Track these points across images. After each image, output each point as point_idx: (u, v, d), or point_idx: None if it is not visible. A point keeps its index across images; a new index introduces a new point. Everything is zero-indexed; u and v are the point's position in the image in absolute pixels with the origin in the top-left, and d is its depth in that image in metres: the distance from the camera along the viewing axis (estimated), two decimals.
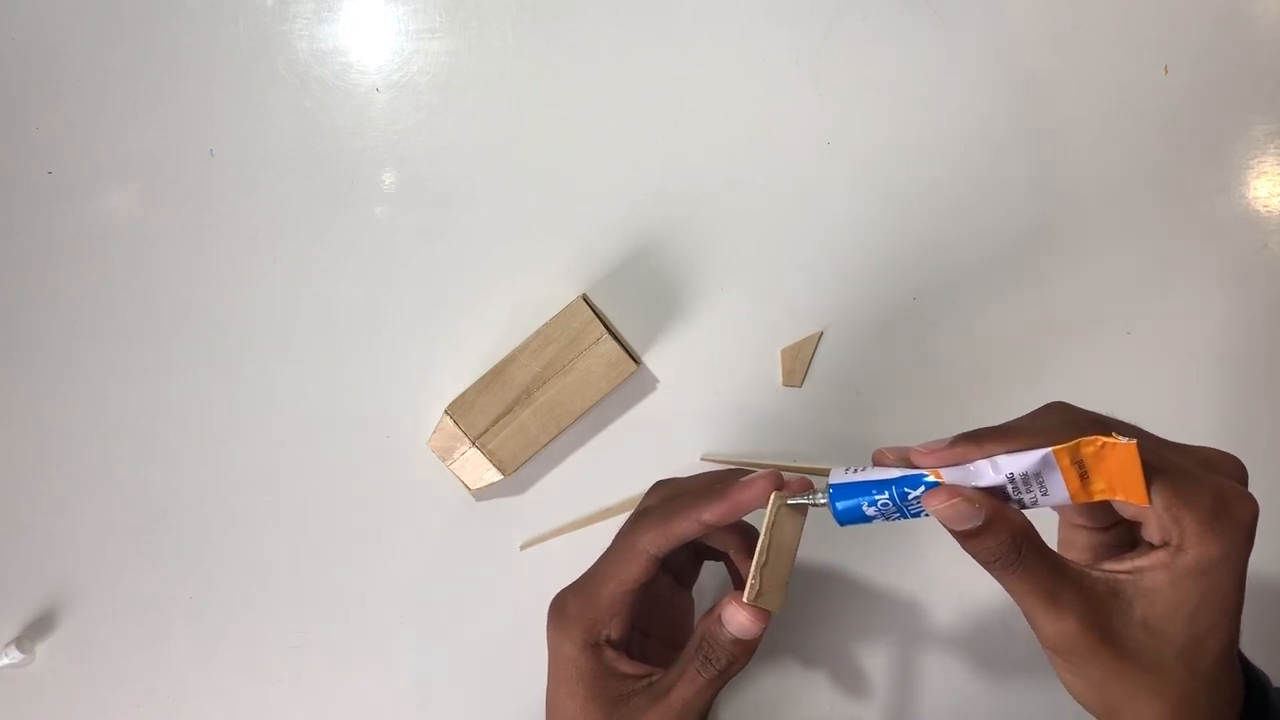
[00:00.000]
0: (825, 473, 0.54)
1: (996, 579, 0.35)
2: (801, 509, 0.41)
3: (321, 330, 0.55)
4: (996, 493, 0.35)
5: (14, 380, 0.55)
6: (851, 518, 0.37)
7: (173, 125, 0.55)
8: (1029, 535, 0.35)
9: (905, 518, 0.37)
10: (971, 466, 0.35)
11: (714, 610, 0.41)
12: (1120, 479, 0.33)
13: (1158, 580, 0.34)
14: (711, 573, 0.51)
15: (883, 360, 0.55)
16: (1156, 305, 0.55)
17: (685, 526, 0.42)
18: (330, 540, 0.55)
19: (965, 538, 0.35)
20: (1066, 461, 0.34)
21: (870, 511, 0.37)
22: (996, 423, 0.37)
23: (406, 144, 0.55)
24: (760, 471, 0.42)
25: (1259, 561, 0.54)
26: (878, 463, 0.38)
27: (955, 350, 0.55)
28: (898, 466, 0.37)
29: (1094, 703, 0.36)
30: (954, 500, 0.34)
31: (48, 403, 0.55)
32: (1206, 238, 0.55)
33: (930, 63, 0.55)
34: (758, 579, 0.39)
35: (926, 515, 0.36)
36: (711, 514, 0.41)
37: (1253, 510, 0.34)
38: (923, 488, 0.36)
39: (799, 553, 0.41)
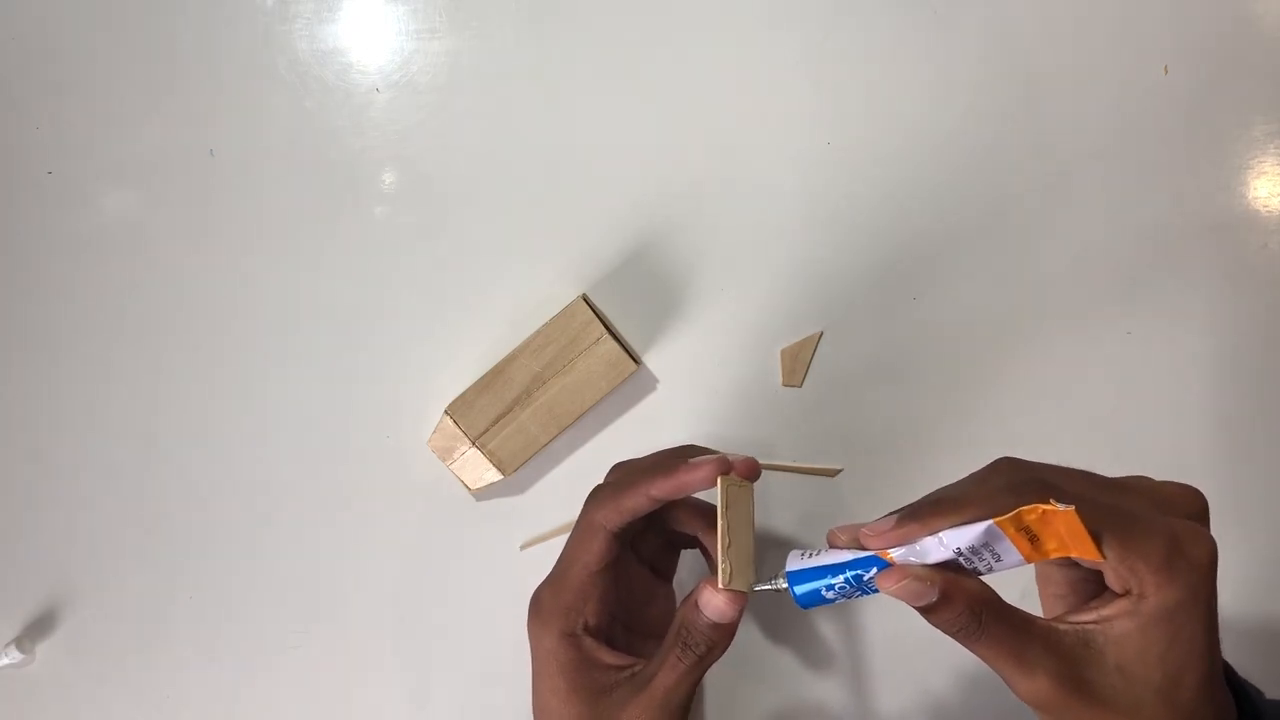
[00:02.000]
0: (830, 473, 0.55)
1: (964, 647, 0.35)
2: (749, 487, 0.41)
3: (321, 330, 0.55)
4: (951, 564, 0.35)
5: (14, 380, 0.55)
6: (812, 601, 0.38)
7: (173, 125, 0.55)
8: (987, 601, 0.35)
9: (866, 594, 0.37)
10: (919, 545, 0.35)
11: (690, 597, 0.41)
12: (1070, 538, 0.33)
13: (1125, 627, 0.34)
14: (694, 566, 0.51)
15: (883, 361, 0.55)
16: (1156, 305, 0.55)
17: (635, 501, 0.42)
18: (330, 540, 0.55)
19: (926, 613, 0.35)
20: (1012, 530, 0.34)
21: (829, 595, 0.38)
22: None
23: (406, 144, 0.55)
24: (709, 455, 0.42)
25: (1264, 560, 0.54)
26: (832, 544, 0.38)
27: (955, 350, 0.55)
28: (851, 548, 0.37)
29: None
30: (904, 581, 0.35)
31: (48, 403, 0.55)
32: (1206, 238, 0.55)
33: (930, 62, 0.55)
34: (727, 563, 0.40)
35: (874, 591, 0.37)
36: (658, 489, 0.42)
37: (1209, 549, 0.34)
38: (875, 569, 0.36)
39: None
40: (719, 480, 0.40)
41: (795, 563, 0.38)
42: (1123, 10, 0.55)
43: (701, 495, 0.45)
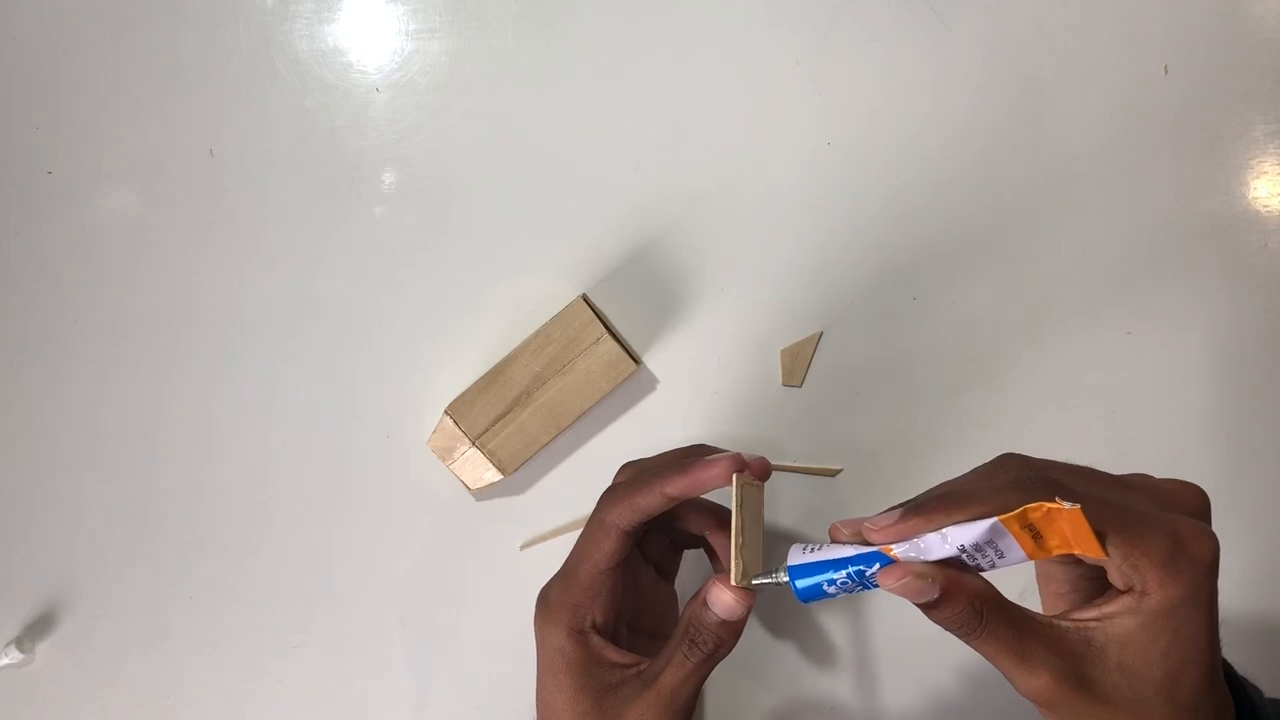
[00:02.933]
0: (830, 473, 0.55)
1: (966, 644, 0.35)
2: (760, 487, 0.41)
3: (321, 330, 0.55)
4: (953, 561, 0.35)
5: (14, 380, 0.55)
6: (812, 595, 0.38)
7: (173, 125, 0.55)
8: (988, 599, 0.35)
9: (867, 589, 0.37)
10: (922, 541, 0.35)
11: (699, 594, 0.41)
12: (1074, 536, 0.33)
13: (1127, 625, 0.34)
14: (694, 569, 0.51)
15: (883, 361, 0.55)
16: (1156, 305, 0.55)
17: (650, 500, 0.42)
18: (330, 540, 0.55)
19: (926, 609, 0.35)
20: (1016, 527, 0.34)
21: (831, 590, 0.37)
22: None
23: (406, 144, 0.55)
24: (722, 453, 0.42)
25: (1264, 559, 0.54)
26: (834, 539, 0.38)
27: (955, 350, 0.55)
28: (853, 543, 0.37)
29: None
30: (906, 578, 0.35)
31: (48, 402, 0.55)
32: (1206, 238, 0.55)
33: (930, 63, 0.55)
34: (740, 560, 0.39)
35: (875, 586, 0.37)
36: (673, 488, 0.42)
37: (1212, 547, 0.34)
38: (878, 565, 0.36)
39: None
40: (734, 478, 0.40)
41: (797, 557, 0.38)
42: (1123, 10, 0.55)
43: (711, 496, 0.45)
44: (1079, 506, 0.32)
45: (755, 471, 0.42)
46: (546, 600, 0.44)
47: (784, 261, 0.55)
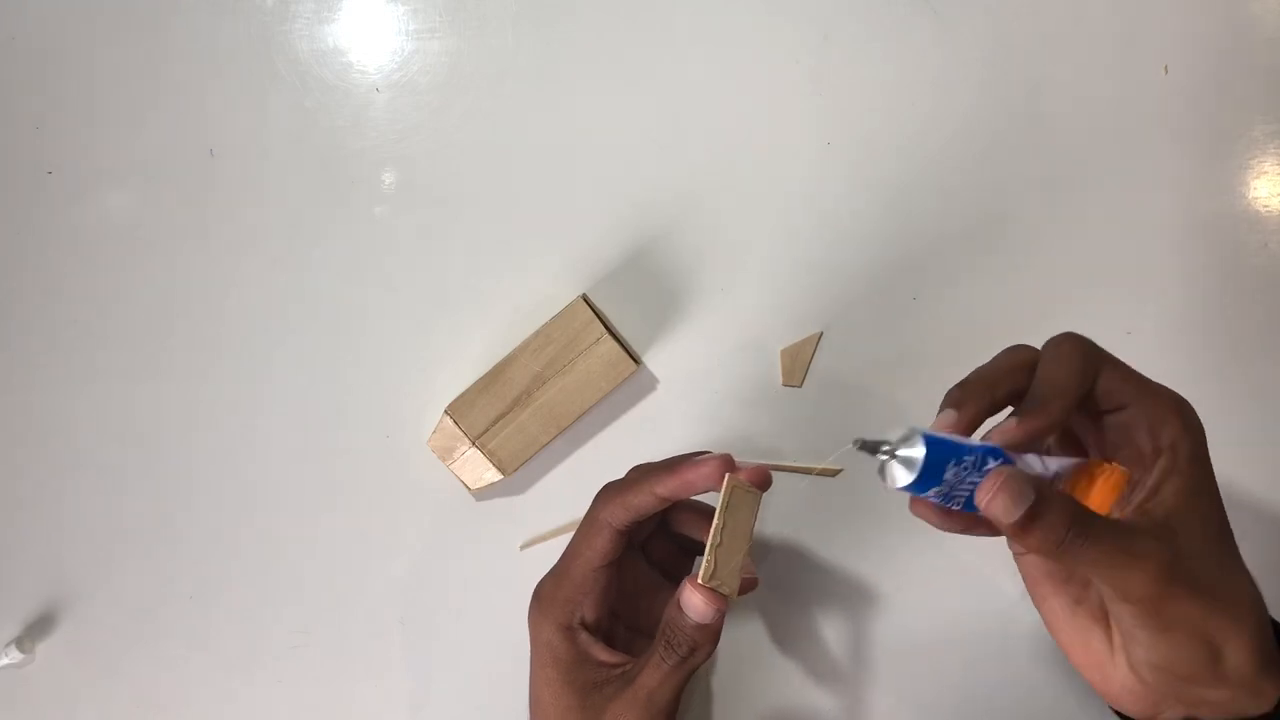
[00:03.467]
0: (830, 473, 0.55)
1: (1068, 562, 0.34)
2: (756, 495, 0.41)
3: (321, 330, 0.55)
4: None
5: (14, 380, 0.55)
6: (933, 472, 0.35)
7: (173, 125, 0.55)
8: (1079, 504, 0.34)
9: (960, 498, 0.36)
10: (1021, 460, 0.36)
11: (675, 597, 0.41)
12: (1100, 492, 0.36)
13: (1172, 491, 0.35)
14: None
15: (883, 360, 0.55)
16: (1156, 305, 0.55)
17: (640, 498, 0.43)
18: (330, 540, 0.55)
19: (1023, 529, 0.34)
20: (1076, 474, 0.35)
21: (949, 475, 0.35)
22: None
23: (406, 144, 0.55)
24: (714, 453, 0.42)
25: (1264, 562, 0.54)
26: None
27: (955, 350, 0.55)
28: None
29: (1194, 654, 0.35)
30: (1004, 479, 0.34)
31: (48, 403, 0.55)
32: (1207, 238, 0.55)
33: (930, 63, 0.55)
34: (712, 560, 0.39)
35: (958, 506, 0.36)
36: (663, 487, 0.42)
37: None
38: (1001, 460, 0.35)
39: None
40: (725, 480, 0.40)
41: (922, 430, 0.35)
42: (1123, 10, 0.55)
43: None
44: (1129, 473, 0.37)
45: (754, 479, 0.41)
46: (539, 596, 0.45)
47: (784, 261, 0.55)
